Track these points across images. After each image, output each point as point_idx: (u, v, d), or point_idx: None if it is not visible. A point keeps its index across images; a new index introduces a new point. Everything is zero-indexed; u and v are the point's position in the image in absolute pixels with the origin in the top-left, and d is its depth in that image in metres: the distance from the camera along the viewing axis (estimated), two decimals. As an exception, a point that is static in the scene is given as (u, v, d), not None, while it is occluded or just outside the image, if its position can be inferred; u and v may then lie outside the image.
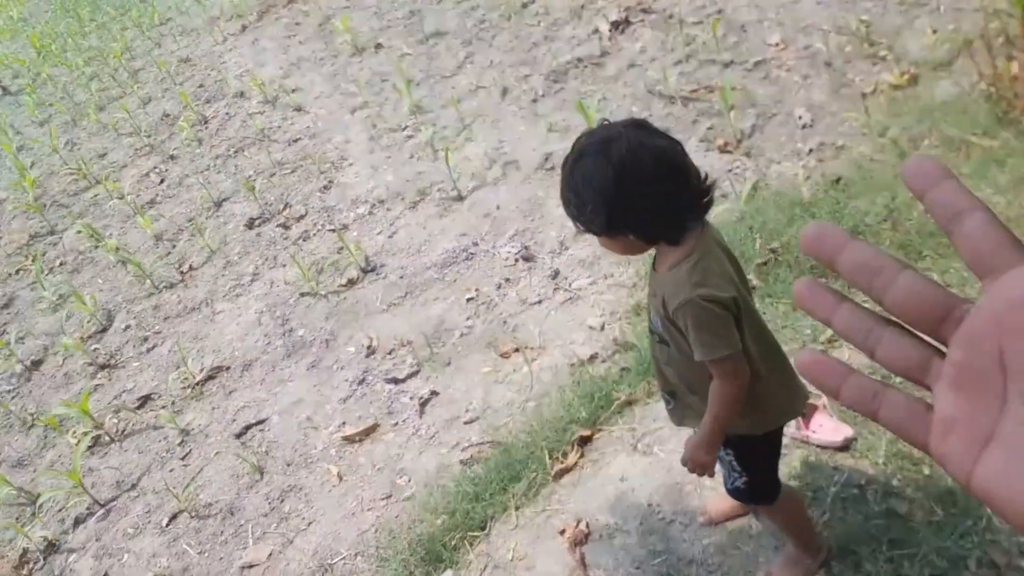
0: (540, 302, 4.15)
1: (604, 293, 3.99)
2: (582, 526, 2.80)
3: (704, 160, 4.52)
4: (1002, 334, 0.43)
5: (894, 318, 0.49)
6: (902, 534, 2.40)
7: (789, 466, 2.69)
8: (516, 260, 4.47)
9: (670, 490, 2.83)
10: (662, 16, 6.09)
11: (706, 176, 1.85)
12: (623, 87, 5.51)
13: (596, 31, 6.29)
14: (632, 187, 1.74)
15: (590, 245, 4.22)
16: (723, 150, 4.53)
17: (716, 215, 4.02)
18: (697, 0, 6.08)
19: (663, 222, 1.82)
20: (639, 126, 1.82)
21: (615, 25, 6.14)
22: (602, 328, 3.81)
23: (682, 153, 1.82)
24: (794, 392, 2.07)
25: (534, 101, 5.82)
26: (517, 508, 3.00)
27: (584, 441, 3.19)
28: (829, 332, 3.12)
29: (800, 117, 4.55)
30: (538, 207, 4.78)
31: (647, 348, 3.06)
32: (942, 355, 0.48)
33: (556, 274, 4.25)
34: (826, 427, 2.76)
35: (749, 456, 2.12)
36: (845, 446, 2.71)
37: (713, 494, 2.71)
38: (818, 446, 2.74)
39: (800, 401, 2.11)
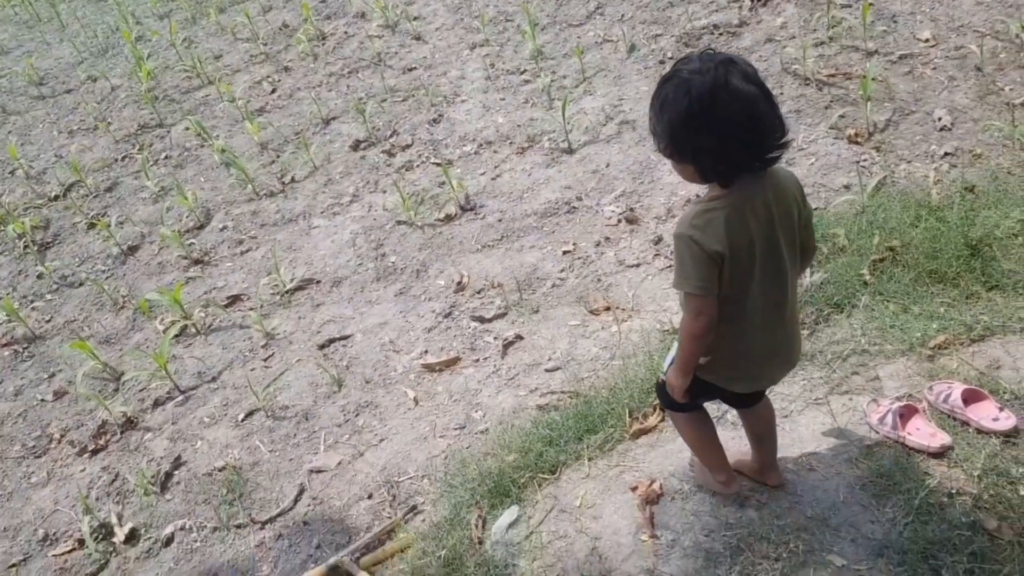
0: (638, 265, 4.08)
1: (706, 265, 3.89)
2: (655, 486, 2.75)
3: (831, 148, 4.36)
4: None
5: None
6: (987, 549, 2.30)
7: (879, 462, 2.60)
8: (619, 220, 4.40)
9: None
10: (809, -7, 5.84)
11: (787, 130, 1.82)
12: (757, 60, 5.30)
13: (737, -1, 6.08)
14: (700, 126, 1.75)
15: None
16: (852, 140, 4.35)
17: (835, 205, 3.89)
18: (850, -17, 5.80)
19: (719, 167, 1.84)
20: (731, 65, 1.75)
21: (758, -4, 5.91)
22: (699, 299, 3.73)
23: (766, 103, 1.76)
24: (728, 371, 2.18)
25: (661, 62, 5.67)
26: (590, 459, 2.97)
27: (667, 407, 3.15)
28: (940, 338, 2.99)
29: (940, 118, 4.33)
30: (649, 171, 4.68)
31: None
32: None
33: (659, 240, 4.17)
34: (923, 431, 2.66)
35: None
36: (940, 453, 2.62)
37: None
38: (913, 448, 2.65)
39: (737, 383, 2.23)
